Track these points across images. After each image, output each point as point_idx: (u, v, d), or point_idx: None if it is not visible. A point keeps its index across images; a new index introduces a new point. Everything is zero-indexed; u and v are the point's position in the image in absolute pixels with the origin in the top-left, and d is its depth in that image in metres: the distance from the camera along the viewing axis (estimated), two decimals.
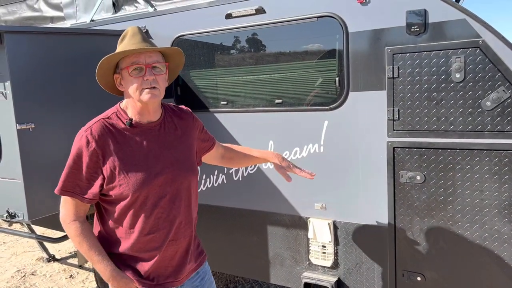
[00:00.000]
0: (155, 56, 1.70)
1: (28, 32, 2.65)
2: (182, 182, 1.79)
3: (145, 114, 1.74)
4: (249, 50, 2.91)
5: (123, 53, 1.67)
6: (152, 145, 1.74)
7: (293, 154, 2.82)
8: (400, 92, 2.42)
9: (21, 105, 2.61)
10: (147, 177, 1.68)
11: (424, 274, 2.51)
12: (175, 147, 1.81)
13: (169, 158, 1.76)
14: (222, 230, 3.20)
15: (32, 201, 2.68)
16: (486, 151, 2.25)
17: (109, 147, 1.66)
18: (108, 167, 1.65)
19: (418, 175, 2.44)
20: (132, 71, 1.67)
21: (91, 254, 1.70)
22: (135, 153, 1.70)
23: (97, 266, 1.72)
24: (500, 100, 2.19)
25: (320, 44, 2.67)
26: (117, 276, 1.72)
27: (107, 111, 1.77)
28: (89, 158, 1.64)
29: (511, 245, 2.26)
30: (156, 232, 1.74)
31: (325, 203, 2.76)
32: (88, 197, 1.68)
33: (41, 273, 4.74)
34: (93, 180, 1.67)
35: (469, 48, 2.22)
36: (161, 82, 1.71)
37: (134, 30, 1.72)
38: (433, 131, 2.37)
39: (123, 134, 1.70)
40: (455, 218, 2.38)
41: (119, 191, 1.66)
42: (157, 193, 1.71)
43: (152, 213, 1.72)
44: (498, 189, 2.25)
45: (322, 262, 2.83)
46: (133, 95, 1.68)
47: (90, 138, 1.64)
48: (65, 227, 1.72)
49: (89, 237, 1.70)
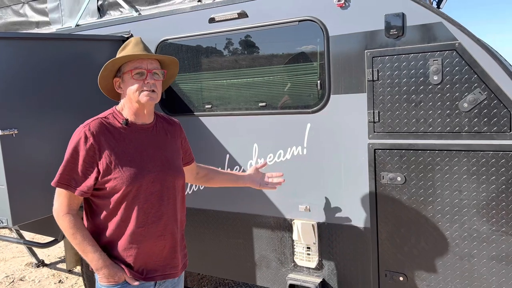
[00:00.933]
0: (155, 63, 1.90)
1: (9, 38, 2.65)
2: (170, 181, 1.92)
3: (140, 116, 1.90)
4: (233, 53, 2.93)
5: (129, 56, 1.83)
6: (145, 145, 1.89)
7: (277, 157, 2.84)
8: (380, 94, 2.45)
9: (3, 110, 2.60)
10: (140, 173, 1.81)
11: (407, 274, 2.54)
12: (165, 149, 1.95)
13: (160, 158, 1.91)
14: (208, 233, 3.21)
15: (16, 207, 2.67)
16: (464, 152, 2.29)
17: (105, 142, 1.79)
18: (104, 161, 1.77)
19: (399, 176, 2.47)
20: (135, 74, 1.83)
21: (84, 245, 1.79)
22: (129, 150, 1.83)
23: (89, 256, 1.80)
24: (476, 102, 2.23)
25: (301, 48, 2.69)
26: (109, 265, 1.81)
27: (103, 112, 1.91)
28: (86, 152, 1.76)
29: (489, 243, 2.30)
30: (145, 226, 1.84)
31: (309, 204, 2.79)
32: (83, 190, 1.78)
33: (29, 278, 4.73)
34: (88, 173, 1.78)
35: (446, 51, 2.26)
36: (159, 87, 1.89)
37: (137, 40, 1.89)
38: (413, 132, 2.40)
39: (119, 132, 1.84)
40: (435, 218, 2.41)
41: (113, 184, 1.77)
42: (148, 189, 1.83)
43: (142, 208, 1.83)
44: (476, 189, 2.29)
45: (306, 263, 2.85)
46: (132, 96, 1.84)
47: (88, 133, 1.77)
48: (58, 219, 1.82)
49: (82, 229, 1.80)
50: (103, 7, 3.62)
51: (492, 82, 2.17)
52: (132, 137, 1.87)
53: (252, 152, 2.92)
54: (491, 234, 2.29)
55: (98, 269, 1.82)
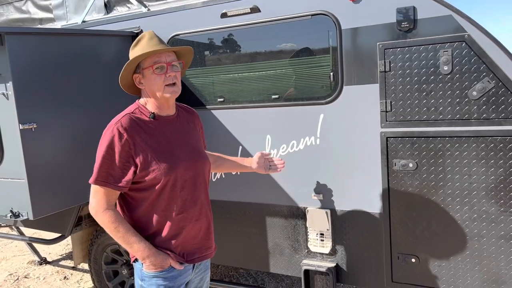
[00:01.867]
0: (172, 55, 1.93)
1: (29, 33, 2.68)
2: (200, 167, 2.01)
3: (164, 109, 1.95)
4: (246, 47, 3.01)
5: (148, 53, 1.85)
6: (173, 135, 1.95)
7: (290, 147, 2.94)
8: (391, 85, 2.57)
9: (24, 105, 2.64)
10: (173, 162, 1.88)
11: (418, 255, 2.67)
12: (190, 137, 2.03)
13: (188, 146, 1.99)
14: (222, 224, 3.29)
15: (36, 200, 2.71)
16: (473, 138, 2.42)
17: (139, 137, 1.84)
18: (141, 155, 1.83)
19: (411, 163, 2.59)
20: (156, 69, 1.86)
21: (127, 237, 1.84)
22: (161, 142, 1.90)
23: (134, 247, 1.85)
24: (485, 90, 2.36)
25: (314, 41, 2.79)
26: (155, 253, 1.88)
27: (129, 107, 1.95)
28: (122, 148, 1.81)
29: (498, 224, 2.44)
30: (184, 212, 1.93)
31: (322, 193, 2.89)
32: (122, 185, 1.84)
33: (34, 275, 4.72)
34: (126, 168, 1.83)
35: (455, 42, 2.39)
36: (179, 78, 1.95)
37: (151, 34, 1.91)
38: (424, 120, 2.52)
39: (148, 125, 1.89)
40: (446, 202, 2.54)
41: (152, 175, 1.84)
42: (183, 176, 1.92)
43: (180, 195, 1.91)
44: (485, 173, 2.43)
45: (320, 249, 2.95)
46: (157, 91, 1.88)
47: (122, 130, 1.82)
48: (97, 216, 1.85)
49: (123, 222, 1.87)
50: (110, 3, 3.65)
51: (500, 71, 2.31)
52: (161, 129, 1.93)
53: (265, 143, 3.01)
54: (500, 214, 2.43)
55: (145, 257, 1.87)
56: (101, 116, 2.58)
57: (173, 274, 1.93)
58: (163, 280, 1.92)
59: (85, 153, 2.72)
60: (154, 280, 1.92)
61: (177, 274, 1.94)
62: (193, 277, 2.07)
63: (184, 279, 1.99)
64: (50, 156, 2.80)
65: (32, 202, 2.69)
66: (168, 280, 1.93)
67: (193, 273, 2.05)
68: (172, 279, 1.93)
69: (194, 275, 2.07)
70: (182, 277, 1.98)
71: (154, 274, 1.90)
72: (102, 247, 3.83)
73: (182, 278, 1.98)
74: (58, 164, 2.85)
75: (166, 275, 1.92)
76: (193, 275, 2.06)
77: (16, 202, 2.76)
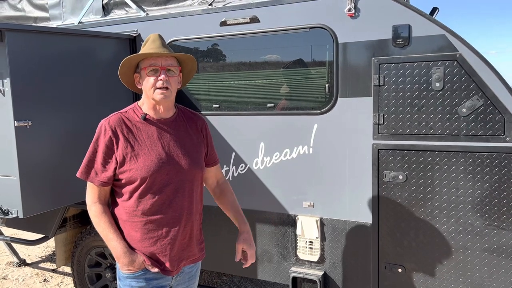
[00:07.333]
0: (170, 60, 1.93)
1: (29, 31, 2.68)
2: (187, 174, 1.96)
3: (157, 111, 1.97)
4: (244, 56, 3.06)
5: (142, 55, 1.89)
6: (163, 138, 1.95)
7: (283, 155, 2.99)
8: (385, 98, 2.66)
9: (20, 102, 2.63)
10: (154, 165, 1.88)
11: (405, 265, 2.74)
12: (185, 142, 2.00)
13: (177, 151, 1.95)
14: (209, 229, 3.30)
15: (27, 198, 2.69)
16: (461, 152, 2.52)
17: (123, 135, 1.88)
18: (121, 153, 1.87)
19: (401, 175, 2.67)
20: (149, 71, 1.89)
21: (106, 233, 1.89)
22: (146, 143, 1.91)
23: (110, 243, 1.89)
24: (474, 107, 2.46)
25: (311, 53, 2.87)
26: (126, 253, 1.88)
27: (126, 108, 1.98)
28: (105, 144, 1.87)
29: (482, 236, 2.53)
30: (158, 216, 1.90)
31: (313, 201, 2.94)
32: (103, 180, 1.88)
33: (13, 277, 4.62)
34: (107, 164, 1.88)
35: (447, 61, 2.49)
36: (173, 83, 1.92)
37: (155, 37, 1.94)
38: (415, 134, 2.61)
39: (136, 126, 1.93)
40: (433, 214, 2.62)
41: (128, 175, 1.86)
42: (163, 180, 1.89)
43: (155, 199, 1.89)
44: (472, 187, 2.52)
45: (309, 257, 3.00)
46: (148, 92, 1.91)
47: (107, 127, 1.88)
48: (88, 209, 1.92)
49: (106, 218, 1.90)
50: (108, 6, 3.67)
51: (489, 90, 2.42)
52: (149, 131, 1.92)
53: (258, 149, 3.05)
54: (484, 228, 2.52)
55: (117, 257, 1.87)
56: (94, 117, 2.61)
57: (148, 277, 1.91)
58: (136, 282, 1.91)
59: (77, 153, 2.70)
60: (128, 281, 1.92)
61: (152, 277, 1.92)
62: (175, 284, 2.03)
63: (161, 283, 1.95)
64: (43, 155, 2.78)
65: (23, 200, 2.66)
66: (141, 282, 1.91)
67: (173, 281, 2.01)
68: (146, 281, 1.91)
69: (175, 282, 2.03)
70: (159, 281, 1.94)
71: (127, 274, 1.90)
72: (87, 249, 3.78)
73: (159, 283, 1.94)
74: (51, 163, 2.83)
75: (140, 277, 1.91)
76: (173, 282, 2.01)
77: (6, 200, 2.73)
